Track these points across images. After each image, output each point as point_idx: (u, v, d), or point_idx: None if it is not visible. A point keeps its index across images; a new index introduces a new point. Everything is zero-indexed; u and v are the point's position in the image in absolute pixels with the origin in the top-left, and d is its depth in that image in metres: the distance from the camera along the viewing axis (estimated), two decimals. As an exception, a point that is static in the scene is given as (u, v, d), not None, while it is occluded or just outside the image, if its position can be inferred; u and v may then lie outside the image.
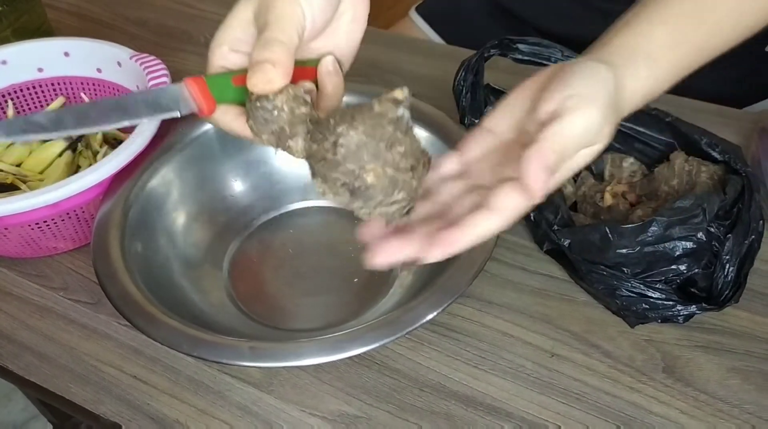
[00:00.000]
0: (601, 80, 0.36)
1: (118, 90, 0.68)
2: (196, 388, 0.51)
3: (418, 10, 0.96)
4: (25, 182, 0.64)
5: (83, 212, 0.57)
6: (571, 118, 0.34)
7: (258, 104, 0.38)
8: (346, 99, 0.63)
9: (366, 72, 0.79)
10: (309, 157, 0.37)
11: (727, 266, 0.50)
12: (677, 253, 0.50)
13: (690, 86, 0.44)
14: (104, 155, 0.64)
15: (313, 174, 0.37)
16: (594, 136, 0.35)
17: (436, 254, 0.33)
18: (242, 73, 0.40)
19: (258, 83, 0.38)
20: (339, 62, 0.44)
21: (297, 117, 0.38)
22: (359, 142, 0.35)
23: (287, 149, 0.39)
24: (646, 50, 0.39)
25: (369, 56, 0.82)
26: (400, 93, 0.37)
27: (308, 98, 0.39)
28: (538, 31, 0.87)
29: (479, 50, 0.62)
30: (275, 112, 0.38)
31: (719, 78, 0.77)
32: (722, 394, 0.49)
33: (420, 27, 0.94)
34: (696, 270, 0.51)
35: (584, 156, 0.36)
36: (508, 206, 0.33)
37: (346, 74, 0.44)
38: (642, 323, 0.52)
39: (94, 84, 0.69)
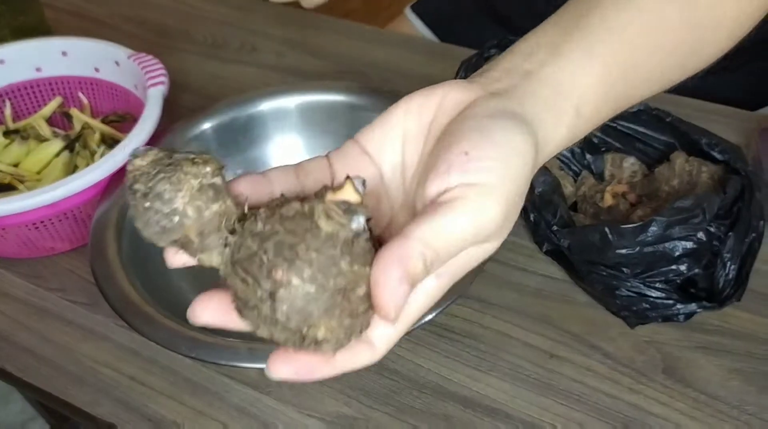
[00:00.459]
0: (514, 161, 0.28)
1: (116, 90, 0.68)
2: (193, 389, 0.51)
3: (413, 8, 0.95)
4: (22, 182, 0.64)
5: (81, 212, 0.57)
6: (461, 212, 0.26)
7: (147, 204, 0.26)
8: (343, 99, 0.64)
9: (364, 71, 0.79)
10: (230, 285, 0.27)
11: (728, 264, 0.50)
12: (677, 253, 0.50)
13: (701, 88, 0.42)
14: (102, 155, 0.64)
15: (240, 313, 0.26)
16: (487, 235, 0.27)
17: (285, 372, 0.27)
18: None
19: None
20: None
21: (208, 222, 0.27)
22: (306, 296, 0.24)
23: (199, 261, 0.28)
24: (576, 91, 0.31)
25: (367, 55, 0.81)
26: (352, 191, 0.26)
27: (219, 181, 0.27)
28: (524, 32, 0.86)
29: (480, 50, 0.62)
30: (175, 218, 0.26)
31: (732, 80, 0.76)
32: (723, 395, 0.49)
33: (414, 25, 0.94)
34: (696, 270, 0.50)
35: (471, 257, 0.29)
36: (382, 341, 0.28)
37: (344, 74, 0.44)
38: (642, 323, 0.52)
39: (92, 84, 0.69)
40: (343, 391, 0.50)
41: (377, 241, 0.27)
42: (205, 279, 0.57)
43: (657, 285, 0.50)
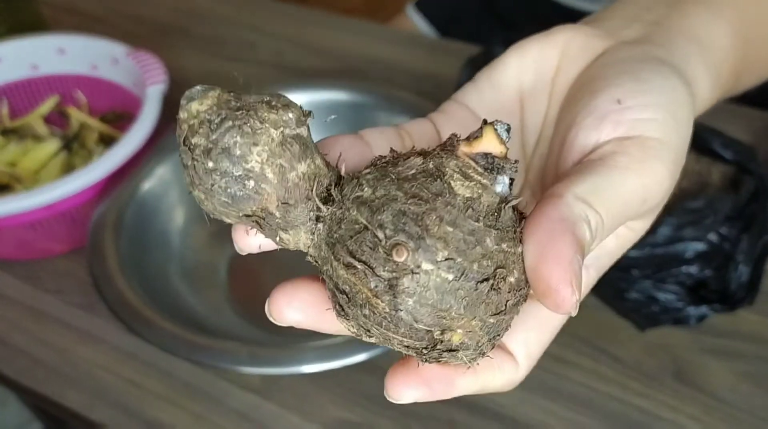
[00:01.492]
0: (679, 112, 0.22)
1: (113, 88, 0.67)
2: (192, 393, 0.50)
3: (416, 5, 0.95)
4: (20, 182, 0.62)
5: (78, 213, 0.56)
6: (625, 168, 0.20)
7: (210, 165, 0.19)
8: (345, 97, 0.63)
9: (365, 68, 0.78)
10: (327, 274, 0.21)
11: (741, 267, 0.49)
12: (688, 254, 0.49)
13: None
14: (100, 154, 0.63)
15: (341, 312, 0.20)
16: (650, 205, 0.21)
17: (415, 394, 0.21)
18: None
19: None
20: None
21: (293, 187, 0.20)
22: (441, 287, 0.18)
23: (279, 242, 0.22)
24: (714, 48, 0.26)
25: (368, 52, 0.80)
26: (495, 141, 0.19)
27: (305, 132, 0.21)
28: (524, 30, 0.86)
29: (484, 47, 0.61)
30: (250, 183, 0.20)
31: None
32: (733, 400, 0.48)
33: (416, 22, 0.93)
34: (707, 272, 0.49)
35: (620, 241, 0.23)
36: (523, 353, 0.22)
37: (345, 71, 0.42)
38: (653, 326, 0.51)
39: (89, 82, 0.68)
40: (346, 396, 0.49)
41: None
42: (206, 283, 0.56)
43: (667, 287, 0.49)
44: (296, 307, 0.21)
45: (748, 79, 0.30)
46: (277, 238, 0.21)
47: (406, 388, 0.21)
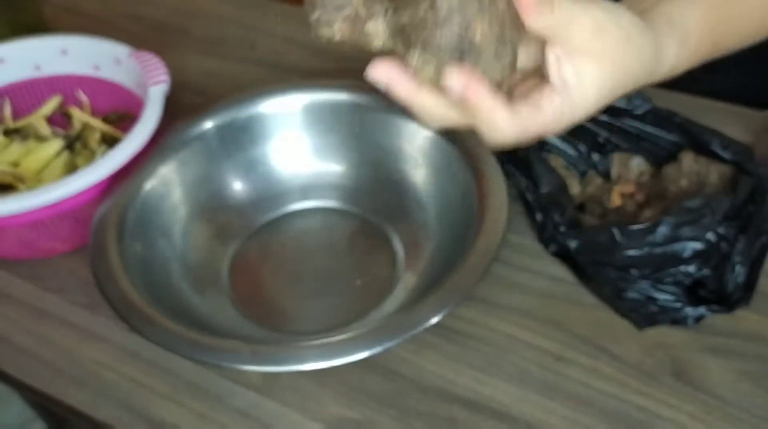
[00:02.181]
0: (623, 16, 0.34)
1: (116, 88, 0.67)
2: (194, 392, 0.50)
3: None
4: (23, 182, 0.63)
5: (81, 213, 0.56)
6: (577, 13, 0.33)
7: None
8: (347, 98, 0.63)
9: (365, 68, 0.78)
10: (399, 32, 0.35)
11: (738, 268, 0.49)
12: (686, 254, 0.49)
13: (708, 85, 0.44)
14: (102, 154, 0.63)
15: (409, 45, 0.34)
16: (594, 64, 0.34)
17: (458, 79, 0.33)
18: None
19: None
20: None
21: None
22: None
23: (365, 38, 0.37)
24: (683, 25, 0.37)
25: (368, 52, 0.80)
26: None
27: None
28: None
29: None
30: None
31: (740, 76, 0.74)
32: (732, 399, 0.48)
33: None
34: (705, 271, 0.50)
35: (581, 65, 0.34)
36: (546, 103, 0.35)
37: (345, 71, 0.43)
38: (650, 326, 0.51)
39: (91, 82, 0.68)
40: (346, 394, 0.49)
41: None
42: (208, 281, 0.57)
43: (666, 287, 0.49)
44: (387, 69, 0.36)
45: (726, 46, 0.40)
46: (365, 30, 0.36)
47: (456, 75, 0.33)
